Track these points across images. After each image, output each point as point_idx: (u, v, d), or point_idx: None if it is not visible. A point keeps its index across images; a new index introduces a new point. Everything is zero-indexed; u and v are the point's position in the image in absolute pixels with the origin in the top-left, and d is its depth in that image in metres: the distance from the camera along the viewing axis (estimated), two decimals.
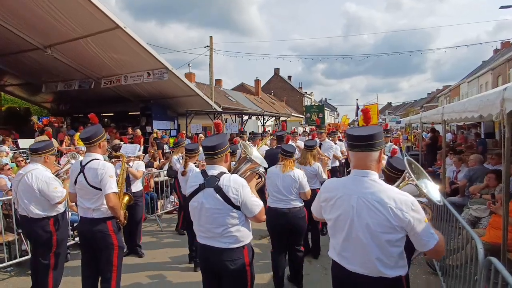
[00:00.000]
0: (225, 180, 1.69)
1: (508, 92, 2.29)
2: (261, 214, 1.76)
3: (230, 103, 17.82)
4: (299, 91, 36.67)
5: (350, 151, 1.39)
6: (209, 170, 1.76)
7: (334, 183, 1.47)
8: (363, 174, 1.34)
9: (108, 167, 2.23)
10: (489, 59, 22.48)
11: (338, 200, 1.37)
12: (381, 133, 1.35)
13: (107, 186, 2.18)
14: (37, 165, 2.59)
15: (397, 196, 1.27)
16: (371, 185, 1.31)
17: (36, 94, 13.90)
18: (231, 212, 1.68)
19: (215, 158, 1.75)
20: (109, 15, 6.72)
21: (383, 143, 1.36)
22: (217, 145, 1.73)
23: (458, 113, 4.00)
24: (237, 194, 1.67)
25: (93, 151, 2.29)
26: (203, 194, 1.71)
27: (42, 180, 2.51)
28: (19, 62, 10.16)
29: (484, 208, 3.82)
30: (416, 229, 1.26)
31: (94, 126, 2.36)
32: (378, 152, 1.34)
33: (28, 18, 7.37)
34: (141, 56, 8.30)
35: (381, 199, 1.26)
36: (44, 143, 2.68)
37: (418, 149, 8.12)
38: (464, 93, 22.65)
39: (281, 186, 2.71)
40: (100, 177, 2.19)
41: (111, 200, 2.19)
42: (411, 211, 1.25)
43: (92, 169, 2.22)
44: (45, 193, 2.52)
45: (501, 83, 15.71)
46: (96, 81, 10.36)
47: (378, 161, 1.35)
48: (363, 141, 1.32)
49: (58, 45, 8.52)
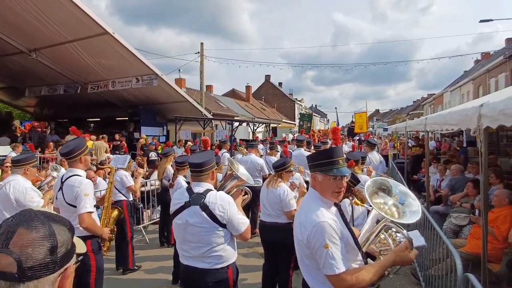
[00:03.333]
0: (211, 198, 1.67)
1: (484, 109, 2.39)
2: (247, 232, 1.74)
3: (220, 109, 17.78)
4: (290, 97, 37.04)
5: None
6: (195, 187, 1.73)
7: None
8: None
9: (85, 185, 2.13)
10: (470, 69, 23.59)
11: None
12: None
13: (81, 204, 2.08)
14: (17, 176, 2.61)
15: (303, 219, 1.37)
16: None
17: (19, 98, 13.39)
18: (216, 230, 1.66)
19: (201, 175, 1.73)
20: (97, 21, 6.63)
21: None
22: (204, 162, 1.72)
23: (439, 125, 4.15)
24: (224, 212, 1.65)
25: (74, 166, 2.19)
26: (188, 211, 1.67)
27: (19, 190, 2.52)
28: (2, 65, 9.80)
29: (463, 216, 3.93)
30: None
31: (75, 139, 2.28)
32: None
33: (13, 21, 7.17)
34: (129, 62, 8.21)
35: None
36: (25, 155, 2.72)
37: (403, 157, 8.33)
38: (447, 102, 23.66)
39: (265, 201, 2.69)
40: (76, 195, 2.10)
41: (84, 221, 2.08)
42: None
43: (69, 186, 2.13)
44: (21, 203, 2.53)
45: (481, 92, 16.50)
46: (83, 86, 10.14)
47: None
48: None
49: (43, 49, 8.32)
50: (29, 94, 11.74)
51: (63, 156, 2.31)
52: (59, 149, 6.75)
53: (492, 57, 18.27)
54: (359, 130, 13.41)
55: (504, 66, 13.88)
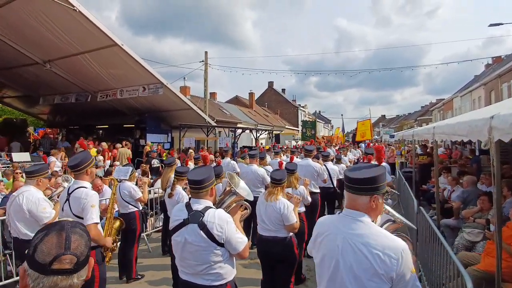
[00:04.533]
0: (209, 216, 1.65)
1: (495, 121, 2.27)
2: (245, 251, 1.72)
3: (224, 116, 17.92)
4: (293, 103, 36.90)
5: (345, 190, 1.36)
6: (194, 204, 1.71)
7: (326, 220, 1.43)
8: (353, 215, 1.28)
9: (91, 196, 2.18)
10: (481, 73, 22.98)
11: (325, 239, 1.32)
12: (375, 177, 1.27)
13: (88, 216, 2.13)
14: (30, 187, 2.68)
15: (386, 242, 1.20)
16: (359, 226, 1.25)
17: (33, 106, 13.93)
18: (214, 249, 1.65)
19: (200, 192, 1.71)
20: (107, 33, 6.87)
21: (376, 190, 1.26)
22: (203, 179, 1.70)
23: (448, 135, 4.02)
24: (222, 232, 1.63)
25: (80, 179, 2.25)
26: (187, 229, 1.66)
27: (31, 201, 2.58)
28: (19, 75, 10.26)
29: (477, 232, 3.74)
30: (403, 279, 1.18)
31: (81, 152, 2.35)
32: (368, 197, 1.26)
33: (29, 35, 7.53)
34: (137, 71, 8.42)
35: (368, 242, 1.20)
36: (38, 166, 2.80)
37: (411, 166, 8.09)
38: (457, 107, 23.05)
39: (264, 215, 2.61)
40: (82, 206, 2.15)
41: (90, 231, 2.09)
42: (401, 259, 1.16)
43: (76, 198, 2.17)
44: (34, 214, 2.57)
45: (493, 98, 16.01)
46: (93, 94, 10.44)
47: (369, 207, 1.27)
48: (352, 183, 1.29)
49: (57, 60, 8.67)
50: (43, 102, 12.18)
51: (70, 168, 2.36)
52: (58, 155, 6.92)
53: (503, 61, 17.79)
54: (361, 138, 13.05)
55: None
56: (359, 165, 1.39)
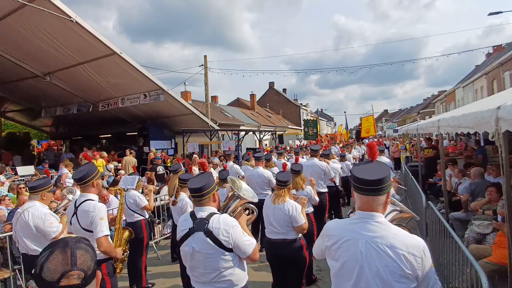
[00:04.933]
0: (214, 222, 1.64)
1: (502, 111, 2.23)
2: (255, 253, 1.70)
3: (226, 119, 17.93)
4: (295, 103, 36.82)
5: (355, 192, 1.31)
6: (198, 212, 1.70)
7: (338, 224, 1.37)
8: (369, 217, 1.25)
9: (99, 209, 2.16)
10: (482, 63, 22.79)
11: (344, 245, 1.27)
12: (389, 176, 1.27)
13: (97, 229, 2.10)
14: (34, 202, 2.66)
15: (408, 241, 1.20)
16: (378, 228, 1.23)
17: (35, 119, 14.04)
18: (223, 255, 1.63)
19: (202, 199, 1.70)
20: (105, 42, 6.90)
21: (390, 186, 1.28)
22: (203, 186, 1.68)
23: (453, 127, 3.96)
24: (228, 236, 1.61)
25: (87, 191, 2.23)
26: (193, 238, 1.65)
27: (38, 217, 2.57)
28: (19, 89, 10.35)
29: (486, 224, 3.69)
30: (426, 276, 1.20)
31: (86, 164, 2.30)
32: (385, 195, 1.26)
33: (27, 48, 7.58)
34: (137, 79, 8.45)
35: (392, 243, 1.18)
36: (42, 181, 2.79)
37: (417, 160, 8.02)
38: (460, 98, 22.87)
39: (272, 218, 2.58)
40: (91, 220, 2.12)
41: (102, 245, 2.11)
42: (424, 257, 1.19)
43: (83, 212, 2.15)
44: (41, 229, 2.59)
45: (496, 87, 15.86)
46: (94, 104, 10.50)
47: (385, 204, 1.27)
48: (371, 185, 1.24)
49: (57, 72, 8.72)
50: (45, 114, 12.27)
51: (76, 181, 2.33)
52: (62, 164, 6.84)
53: (504, 50, 17.62)
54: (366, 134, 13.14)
55: None
56: (363, 166, 1.34)
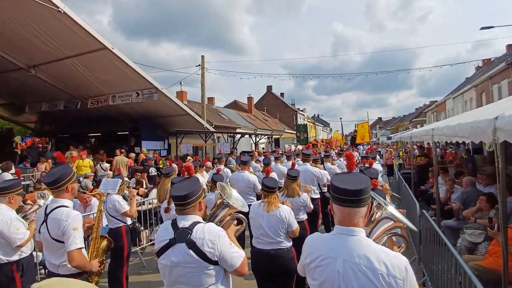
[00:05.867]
0: (198, 232, 1.47)
1: (500, 122, 2.20)
2: (243, 266, 1.53)
3: (222, 121, 17.74)
4: (292, 107, 37.04)
5: (334, 203, 1.22)
6: (180, 221, 1.52)
7: (317, 240, 1.28)
8: (349, 232, 1.17)
9: (73, 217, 1.93)
10: (472, 76, 23.56)
11: (322, 263, 1.19)
12: (370, 186, 1.20)
13: (70, 240, 1.87)
14: (1, 205, 2.46)
15: (389, 260, 1.11)
16: (357, 245, 1.14)
17: (19, 114, 13.43)
18: (206, 269, 1.46)
19: (186, 208, 1.53)
20: (95, 36, 6.62)
21: (370, 197, 1.21)
22: (188, 194, 1.52)
23: (448, 137, 3.94)
24: (214, 247, 1.45)
25: (60, 197, 1.98)
26: (173, 251, 1.48)
27: (3, 221, 2.36)
28: (2, 82, 9.84)
29: (478, 233, 3.68)
30: None
31: (60, 166, 2.07)
32: (366, 207, 1.18)
33: (10, 38, 7.19)
34: (129, 76, 8.18)
35: (371, 263, 1.10)
36: (10, 182, 2.58)
37: (409, 167, 8.05)
38: (450, 109, 23.52)
39: (266, 228, 2.44)
40: (63, 230, 1.89)
41: (74, 259, 1.88)
42: (406, 278, 1.09)
43: (55, 220, 1.91)
44: (6, 235, 2.37)
45: (484, 99, 16.33)
46: (83, 101, 10.12)
47: (365, 216, 1.19)
48: (351, 196, 1.15)
49: (42, 65, 8.33)
50: (30, 110, 11.75)
51: (47, 185, 2.07)
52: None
53: (493, 64, 18.23)
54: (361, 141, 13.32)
55: (507, 72, 13.78)
56: (343, 176, 1.27)
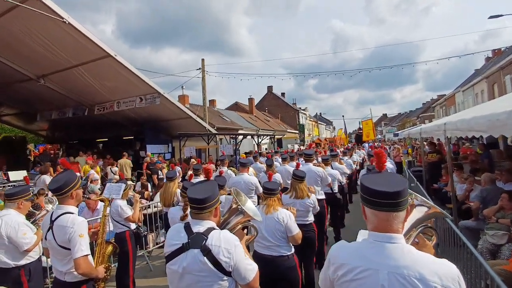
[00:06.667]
0: (214, 239, 1.38)
1: None
2: (255, 281, 1.42)
3: (224, 123, 17.76)
4: (293, 107, 36.77)
5: (367, 207, 1.07)
6: (194, 225, 1.43)
7: (347, 250, 1.12)
8: (387, 239, 1.02)
9: (79, 224, 1.91)
10: (482, 67, 22.78)
11: (359, 276, 1.03)
12: (407, 187, 1.07)
13: (76, 248, 1.85)
14: (10, 210, 2.52)
15: (440, 269, 0.98)
16: (401, 254, 1.00)
17: (31, 122, 13.83)
18: (220, 280, 1.36)
19: (203, 212, 1.44)
20: (99, 44, 6.73)
21: (408, 200, 1.07)
22: (207, 198, 1.42)
23: (462, 131, 3.75)
24: (229, 257, 1.35)
25: (65, 203, 1.97)
26: (186, 256, 1.38)
27: (11, 226, 2.45)
28: (14, 92, 10.16)
29: (501, 234, 3.46)
30: None
31: (65, 172, 2.04)
32: (405, 212, 1.05)
33: (20, 51, 7.42)
34: (132, 82, 8.27)
35: (422, 275, 0.96)
36: (19, 188, 2.64)
37: (420, 164, 7.77)
38: (460, 102, 22.75)
39: (264, 230, 2.33)
40: (69, 237, 1.87)
41: (80, 266, 1.85)
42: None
43: (60, 227, 1.90)
44: (13, 240, 2.42)
45: (497, 90, 15.72)
46: (90, 108, 10.31)
47: (404, 221, 1.06)
48: (389, 199, 1.01)
49: (50, 75, 8.54)
50: (41, 118, 12.08)
51: (52, 192, 2.06)
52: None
53: (504, 54, 17.58)
54: (366, 138, 13.13)
55: None
56: (374, 176, 1.11)
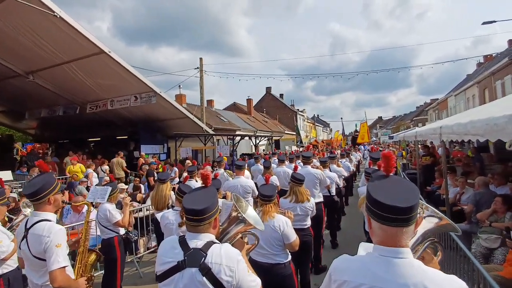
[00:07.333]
0: (214, 256, 1.23)
1: None
2: None
3: (222, 123, 17.61)
4: (292, 108, 36.90)
5: (375, 221, 1.00)
6: (191, 240, 1.27)
7: (351, 264, 1.05)
8: (395, 254, 0.95)
9: (56, 233, 1.72)
10: (473, 72, 23.30)
11: None
12: (418, 202, 1.00)
13: (52, 259, 1.67)
14: None
15: (450, 286, 0.91)
16: (409, 270, 0.93)
17: (19, 120, 13.39)
18: None
19: (200, 224, 1.27)
20: (92, 40, 6.53)
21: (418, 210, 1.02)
22: (206, 208, 1.27)
23: (458, 135, 3.75)
24: (232, 276, 1.21)
25: (41, 209, 1.79)
26: (182, 276, 1.22)
27: None
28: (0, 89, 9.79)
29: (494, 238, 3.48)
30: None
31: (42, 175, 1.87)
32: (414, 225, 0.99)
33: (8, 44, 7.12)
34: (127, 80, 8.07)
35: None
36: None
37: (415, 167, 7.83)
38: (452, 106, 23.24)
39: (260, 238, 2.27)
40: (45, 247, 1.70)
41: (56, 279, 1.67)
42: None
43: (35, 236, 1.72)
44: None
45: (487, 96, 16.10)
46: (81, 106, 10.03)
47: (413, 233, 1.02)
48: (401, 214, 0.94)
49: (40, 71, 8.26)
50: (29, 116, 11.69)
51: (27, 197, 1.87)
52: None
53: (495, 59, 18.01)
54: (361, 141, 13.24)
55: (510, 68, 13.58)
56: (383, 185, 1.01)
